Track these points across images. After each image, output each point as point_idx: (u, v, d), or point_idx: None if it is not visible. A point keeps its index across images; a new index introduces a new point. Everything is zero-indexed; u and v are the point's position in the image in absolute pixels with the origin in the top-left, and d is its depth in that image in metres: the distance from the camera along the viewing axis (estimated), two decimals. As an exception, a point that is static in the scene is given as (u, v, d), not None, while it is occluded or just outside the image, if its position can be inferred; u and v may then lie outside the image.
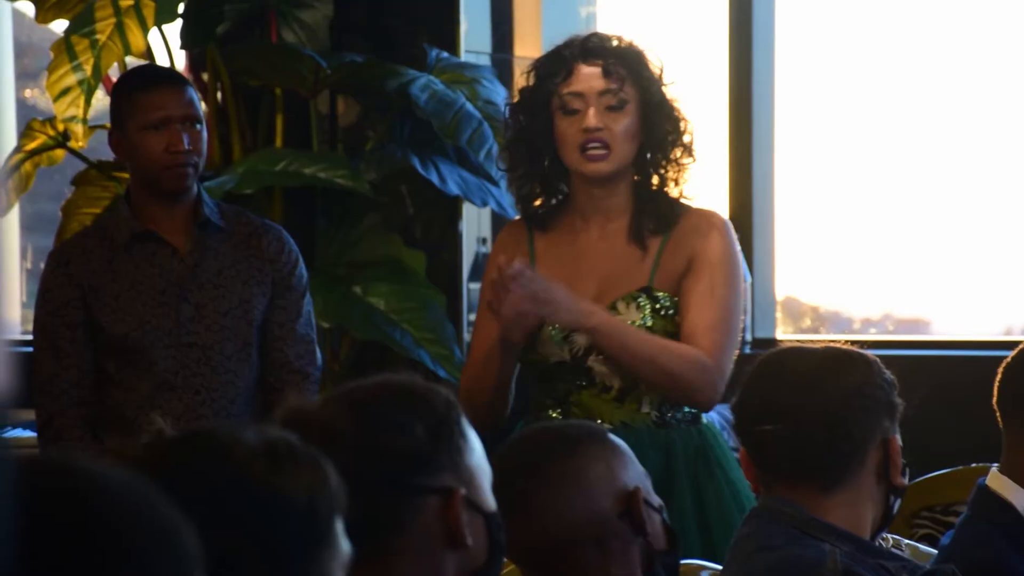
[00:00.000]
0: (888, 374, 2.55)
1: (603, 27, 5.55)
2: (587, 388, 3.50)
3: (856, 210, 5.56)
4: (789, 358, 2.57)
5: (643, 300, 3.49)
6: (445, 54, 4.99)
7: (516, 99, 3.60)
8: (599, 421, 3.45)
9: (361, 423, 1.97)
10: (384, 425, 1.98)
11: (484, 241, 5.29)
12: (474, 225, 5.24)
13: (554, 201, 3.59)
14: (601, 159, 3.47)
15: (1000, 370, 2.79)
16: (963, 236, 5.48)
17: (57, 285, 3.86)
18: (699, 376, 3.39)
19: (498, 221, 5.31)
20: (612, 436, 2.42)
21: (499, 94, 4.89)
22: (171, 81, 3.87)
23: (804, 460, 2.50)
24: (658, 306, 3.50)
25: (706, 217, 3.54)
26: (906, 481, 2.56)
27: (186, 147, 3.77)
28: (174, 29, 4.92)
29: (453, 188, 4.82)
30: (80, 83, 4.60)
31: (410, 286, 4.86)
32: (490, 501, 2.03)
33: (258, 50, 4.96)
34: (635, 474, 2.38)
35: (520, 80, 3.62)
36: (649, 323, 3.48)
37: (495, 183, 4.79)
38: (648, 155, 3.53)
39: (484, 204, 4.91)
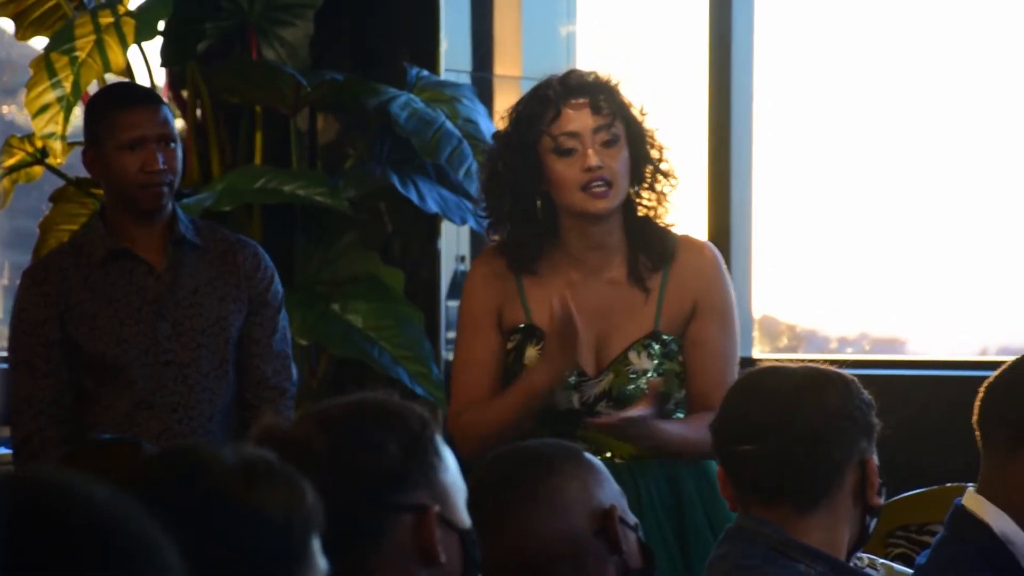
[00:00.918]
0: (866, 394, 2.56)
1: (583, 46, 5.58)
2: (594, 429, 3.48)
3: (832, 229, 5.58)
4: (768, 378, 2.58)
5: (654, 347, 3.51)
6: (425, 73, 4.99)
7: (496, 145, 3.56)
8: (608, 455, 3.46)
9: (335, 441, 1.97)
10: (358, 443, 1.98)
11: (463, 259, 5.30)
12: (453, 243, 5.25)
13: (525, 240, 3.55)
14: (604, 196, 3.46)
15: (982, 390, 2.80)
16: (938, 256, 5.50)
17: (32, 304, 3.85)
18: None
19: (477, 239, 5.31)
20: (587, 455, 2.43)
21: (479, 113, 4.90)
22: (146, 100, 3.87)
23: (782, 480, 2.50)
24: (666, 349, 3.52)
25: (702, 253, 3.57)
26: (882, 501, 2.56)
27: (160, 167, 3.78)
28: (154, 46, 4.93)
29: (432, 206, 4.82)
30: (59, 100, 4.60)
31: (388, 304, 4.86)
32: (464, 518, 2.03)
33: (238, 67, 4.96)
34: (610, 492, 2.39)
35: (499, 124, 3.59)
36: (662, 369, 3.50)
37: (474, 201, 4.80)
38: (634, 187, 3.54)
39: (463, 222, 4.91)
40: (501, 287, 3.56)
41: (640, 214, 3.55)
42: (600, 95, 3.50)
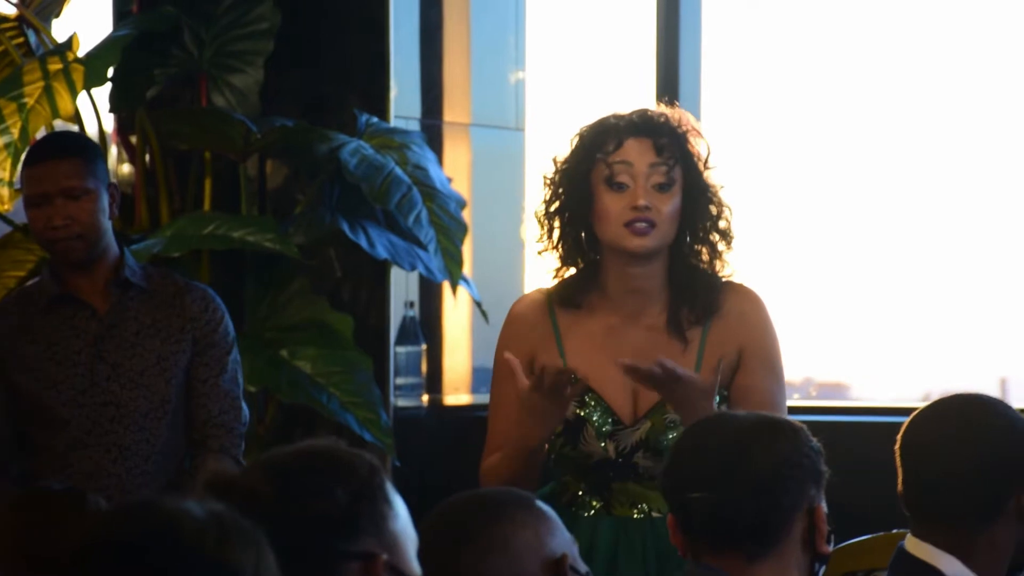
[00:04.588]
0: (815, 442, 2.58)
1: (532, 93, 5.61)
2: (631, 480, 3.43)
3: (776, 275, 5.63)
4: (718, 426, 2.60)
5: None
6: (375, 119, 5.01)
7: (555, 168, 3.48)
8: (645, 507, 3.42)
9: (282, 489, 1.98)
10: (305, 491, 1.98)
11: (411, 305, 5.31)
12: (402, 289, 5.26)
13: (572, 272, 3.47)
14: (645, 233, 3.38)
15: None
16: (880, 302, 5.56)
17: None
18: None
19: (426, 285, 5.33)
20: (539, 503, 2.43)
21: (428, 159, 4.91)
22: (55, 154, 3.87)
23: (731, 528, 2.52)
24: None
25: (747, 298, 3.49)
26: (831, 548, 2.59)
27: (62, 222, 3.79)
28: (103, 92, 4.93)
29: (382, 252, 4.84)
30: (7, 146, 4.59)
31: (337, 350, 4.86)
32: (414, 567, 2.03)
33: (188, 114, 4.97)
34: (562, 541, 2.39)
35: (561, 148, 3.50)
36: None
37: (424, 247, 4.81)
38: (687, 238, 3.46)
39: (412, 268, 4.92)
40: (534, 334, 3.47)
41: (691, 265, 3.47)
42: (665, 137, 3.43)
